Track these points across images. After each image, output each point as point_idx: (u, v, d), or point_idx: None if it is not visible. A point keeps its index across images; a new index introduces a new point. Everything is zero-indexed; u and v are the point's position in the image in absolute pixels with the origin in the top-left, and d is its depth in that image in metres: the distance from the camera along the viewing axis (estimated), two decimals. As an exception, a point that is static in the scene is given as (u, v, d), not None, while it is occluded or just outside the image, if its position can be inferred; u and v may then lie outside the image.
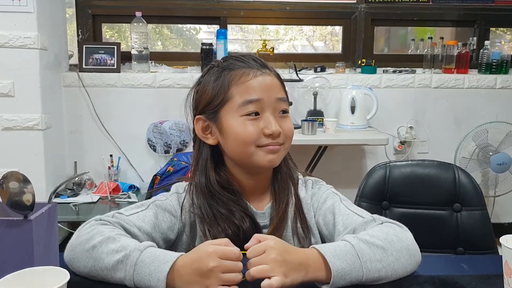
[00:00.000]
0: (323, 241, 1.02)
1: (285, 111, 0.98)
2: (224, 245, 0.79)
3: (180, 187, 1.04)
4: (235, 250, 0.79)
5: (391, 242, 0.84)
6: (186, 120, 1.06)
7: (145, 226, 0.93)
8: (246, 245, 0.81)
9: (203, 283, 0.76)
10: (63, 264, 0.81)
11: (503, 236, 0.80)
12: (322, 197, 1.04)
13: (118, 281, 0.80)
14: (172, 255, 0.79)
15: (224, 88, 0.96)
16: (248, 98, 0.94)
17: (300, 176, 1.09)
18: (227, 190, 0.98)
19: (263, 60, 1.01)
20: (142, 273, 0.78)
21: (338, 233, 0.96)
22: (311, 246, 0.84)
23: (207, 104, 0.99)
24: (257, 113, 0.94)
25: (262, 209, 1.02)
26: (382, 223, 0.91)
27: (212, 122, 0.99)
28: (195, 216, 1.00)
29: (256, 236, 0.82)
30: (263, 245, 0.79)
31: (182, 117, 1.10)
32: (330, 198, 1.03)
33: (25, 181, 0.75)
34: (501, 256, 0.81)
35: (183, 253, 0.81)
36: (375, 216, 0.94)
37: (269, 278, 0.76)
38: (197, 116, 1.01)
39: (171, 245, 1.01)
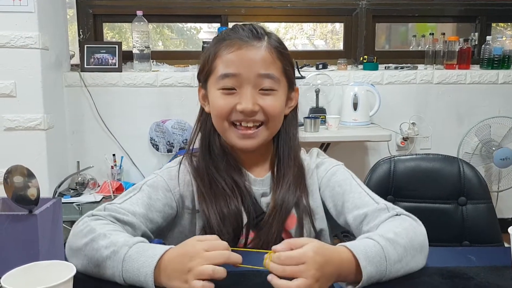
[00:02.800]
0: (326, 214, 1.01)
1: (268, 89, 0.93)
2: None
3: (173, 162, 1.03)
4: (224, 243, 0.76)
5: (410, 240, 0.82)
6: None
7: (139, 209, 0.92)
8: (274, 247, 0.73)
9: (184, 278, 0.72)
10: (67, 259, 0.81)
11: (511, 227, 0.80)
12: (331, 170, 1.01)
13: (109, 277, 0.78)
14: (161, 249, 0.77)
15: (211, 58, 0.95)
16: (224, 71, 0.92)
17: (302, 149, 1.07)
18: (227, 155, 0.98)
19: (263, 31, 0.95)
20: (130, 268, 0.76)
21: (347, 210, 0.93)
22: (340, 244, 0.79)
23: (200, 72, 0.99)
24: (232, 89, 0.92)
25: (262, 176, 1.01)
26: (397, 215, 0.88)
27: (205, 91, 0.99)
28: (192, 186, 0.98)
29: (288, 241, 0.73)
30: (302, 255, 0.70)
31: (184, 115, 1.11)
32: (341, 173, 1.00)
33: (29, 175, 0.74)
34: (509, 247, 0.80)
35: (173, 246, 0.78)
36: (389, 204, 0.92)
37: None
38: (199, 84, 1.01)
39: (173, 220, 1.00)
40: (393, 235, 0.82)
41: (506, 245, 0.96)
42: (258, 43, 0.93)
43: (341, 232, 2.93)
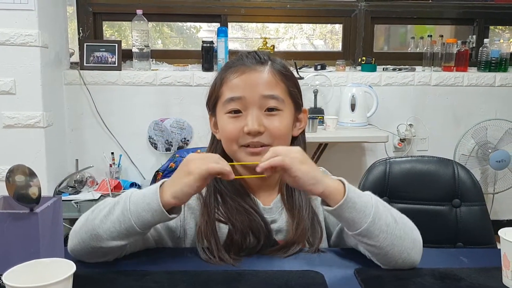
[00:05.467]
0: (329, 235, 1.02)
1: (272, 109, 0.95)
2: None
3: None
4: (216, 155, 0.86)
5: (404, 224, 0.87)
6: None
7: None
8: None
9: (187, 170, 0.82)
10: (68, 256, 0.82)
11: (501, 229, 0.81)
12: None
13: (115, 220, 0.82)
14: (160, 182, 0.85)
15: (217, 85, 0.99)
16: (229, 95, 0.95)
17: None
18: (235, 184, 0.98)
19: (266, 56, 0.99)
20: (136, 199, 0.83)
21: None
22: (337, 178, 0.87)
23: (208, 100, 1.02)
24: (238, 111, 0.95)
25: (269, 204, 1.01)
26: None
27: (215, 118, 1.02)
28: (199, 210, 0.98)
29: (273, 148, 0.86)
30: (288, 148, 0.86)
31: (183, 114, 1.12)
32: None
33: (31, 174, 0.76)
34: (500, 249, 0.82)
35: None
36: None
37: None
38: (210, 113, 1.04)
39: (177, 240, 0.99)
40: (389, 207, 0.88)
41: (498, 246, 0.98)
42: (261, 67, 0.97)
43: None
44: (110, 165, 2.65)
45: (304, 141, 1.05)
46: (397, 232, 0.84)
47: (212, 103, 1.01)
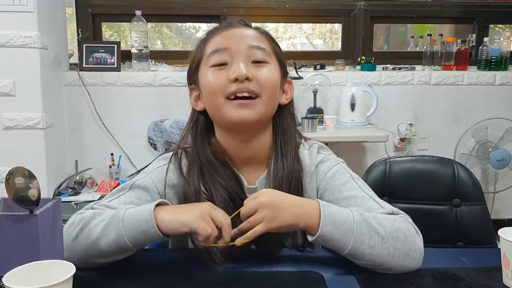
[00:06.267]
0: None
1: (260, 61, 0.92)
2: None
3: (162, 158, 1.00)
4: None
5: (394, 238, 0.83)
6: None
7: None
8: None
9: (193, 211, 0.82)
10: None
11: (501, 229, 0.81)
12: (331, 171, 0.97)
13: (111, 243, 0.82)
14: (156, 202, 0.84)
15: (200, 46, 0.96)
16: (214, 48, 0.92)
17: (303, 142, 1.03)
18: (218, 160, 0.95)
19: (250, 23, 0.98)
20: (129, 221, 0.82)
21: None
22: (317, 200, 0.86)
23: (190, 68, 0.99)
24: (224, 64, 0.91)
25: (254, 183, 0.97)
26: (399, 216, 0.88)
27: (197, 87, 0.97)
28: (181, 188, 0.95)
29: (246, 201, 0.85)
30: (255, 203, 0.83)
31: (182, 115, 1.11)
32: (340, 175, 0.96)
33: (30, 176, 0.76)
34: (500, 249, 0.82)
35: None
36: (396, 210, 0.90)
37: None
38: (190, 86, 1.00)
39: None
40: (375, 222, 0.83)
41: (499, 246, 0.98)
42: (247, 28, 0.96)
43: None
44: (110, 166, 2.65)
45: (292, 112, 1.02)
46: (384, 252, 0.82)
47: (194, 68, 0.96)
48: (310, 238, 0.84)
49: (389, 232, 0.83)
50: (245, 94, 0.89)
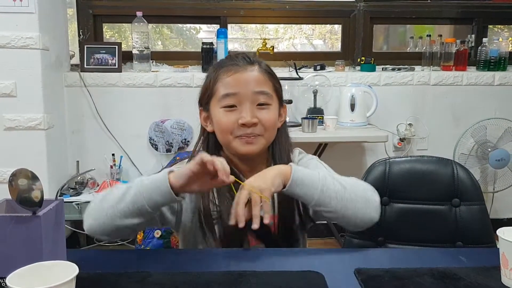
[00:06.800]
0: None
1: (263, 104, 1.07)
2: None
3: (180, 163, 1.14)
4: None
5: (353, 187, 1.00)
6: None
7: None
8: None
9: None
10: (70, 259, 0.83)
11: (500, 229, 0.82)
12: (304, 160, 1.17)
13: (128, 202, 0.93)
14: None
15: (212, 83, 1.10)
16: (225, 92, 1.07)
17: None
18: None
19: (254, 58, 1.11)
20: (148, 183, 0.94)
21: None
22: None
23: (202, 97, 1.14)
24: (233, 106, 1.06)
25: None
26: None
27: (207, 112, 1.12)
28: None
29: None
30: (242, 188, 0.95)
31: (183, 115, 1.23)
32: (313, 163, 1.15)
33: (33, 178, 0.77)
34: (499, 248, 0.83)
35: None
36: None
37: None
38: (200, 108, 1.15)
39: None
40: (337, 176, 1.03)
41: (498, 246, 0.98)
42: (251, 67, 1.09)
43: (339, 233, 2.94)
44: (111, 167, 2.66)
45: (286, 131, 1.18)
46: (347, 196, 0.98)
47: (206, 99, 1.12)
48: (286, 188, 0.97)
49: (350, 184, 1.01)
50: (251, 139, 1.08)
